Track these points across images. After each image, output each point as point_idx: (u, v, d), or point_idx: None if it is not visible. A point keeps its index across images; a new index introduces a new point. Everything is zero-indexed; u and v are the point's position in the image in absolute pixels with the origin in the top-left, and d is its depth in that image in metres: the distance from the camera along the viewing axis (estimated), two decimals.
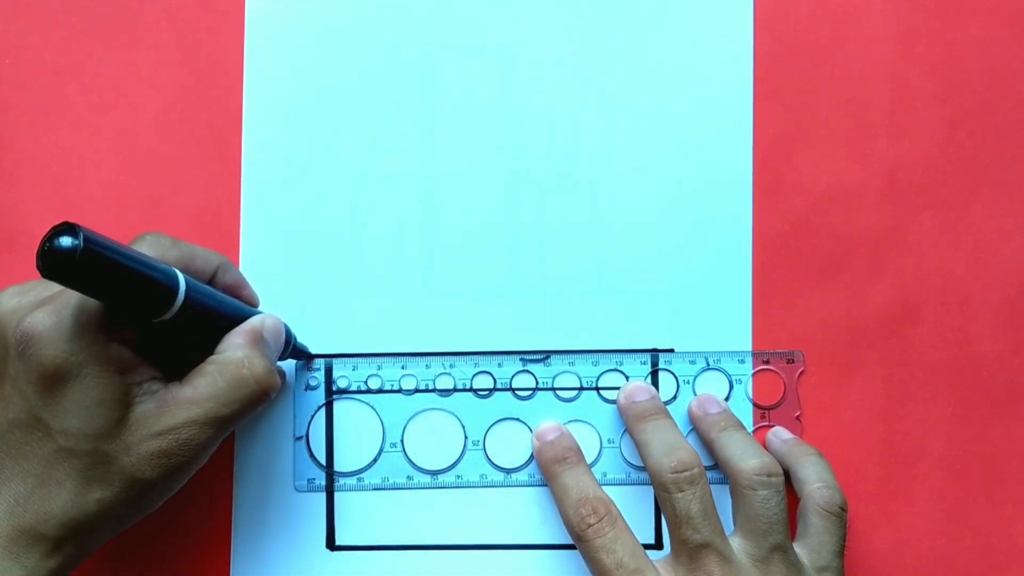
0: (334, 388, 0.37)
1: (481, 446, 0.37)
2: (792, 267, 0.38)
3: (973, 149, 0.38)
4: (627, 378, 0.37)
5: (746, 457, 0.33)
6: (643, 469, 0.35)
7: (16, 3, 0.38)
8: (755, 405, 0.37)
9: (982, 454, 0.37)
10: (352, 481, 0.36)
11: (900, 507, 0.37)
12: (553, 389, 0.37)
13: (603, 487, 0.34)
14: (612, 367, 0.37)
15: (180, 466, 0.28)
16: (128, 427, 0.28)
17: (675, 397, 0.37)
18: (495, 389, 0.37)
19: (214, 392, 0.29)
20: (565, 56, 0.38)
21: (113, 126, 0.38)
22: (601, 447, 0.37)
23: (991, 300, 0.38)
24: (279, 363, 0.35)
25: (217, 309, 0.30)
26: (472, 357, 0.37)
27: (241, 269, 0.37)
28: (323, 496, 0.37)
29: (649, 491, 0.37)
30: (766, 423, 0.37)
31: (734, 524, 0.33)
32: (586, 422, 0.37)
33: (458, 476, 0.37)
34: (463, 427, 0.37)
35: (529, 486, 0.37)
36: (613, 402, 0.37)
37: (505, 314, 0.37)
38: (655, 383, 0.37)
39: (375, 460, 0.37)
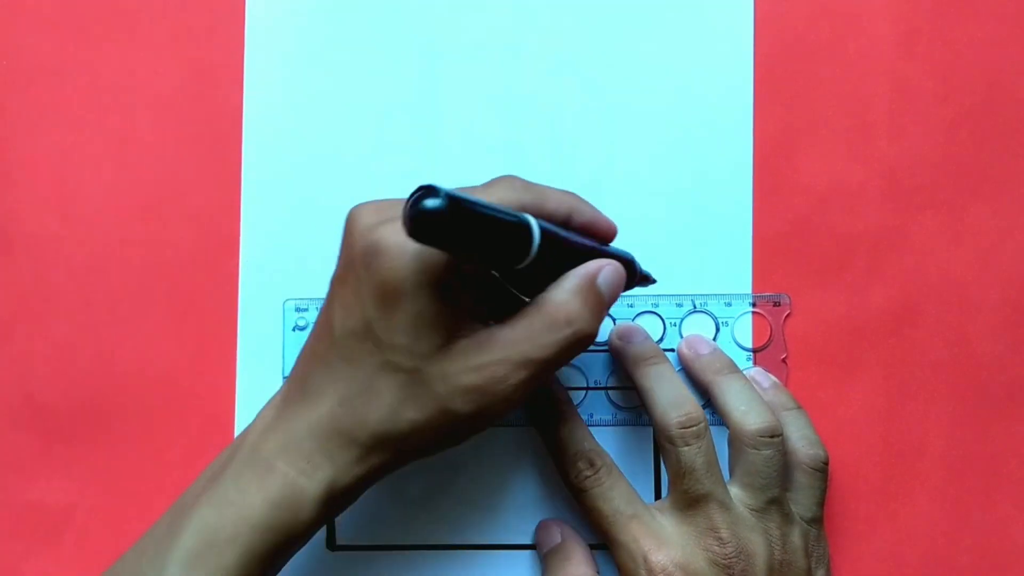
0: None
1: None
2: (792, 267, 0.38)
3: (973, 149, 0.38)
4: (614, 320, 0.37)
5: (750, 415, 0.33)
6: (629, 410, 0.37)
7: (15, 3, 0.38)
8: (741, 347, 0.37)
9: (982, 454, 0.37)
10: None
11: (900, 507, 0.37)
12: None
13: (590, 427, 0.35)
14: None
15: (491, 405, 0.28)
16: (450, 356, 0.28)
17: (662, 339, 0.37)
18: None
19: (530, 334, 0.28)
20: (565, 56, 0.38)
21: (112, 126, 0.38)
22: (587, 389, 0.37)
23: (991, 300, 0.38)
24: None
25: (571, 252, 0.30)
26: None
27: (241, 269, 0.37)
28: None
29: (635, 431, 0.37)
30: (752, 366, 0.38)
31: (731, 473, 0.34)
32: (573, 364, 0.37)
33: None
34: None
35: (515, 426, 0.37)
36: (601, 344, 0.37)
37: None
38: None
39: None
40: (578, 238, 0.31)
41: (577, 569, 0.34)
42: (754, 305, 0.37)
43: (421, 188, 0.25)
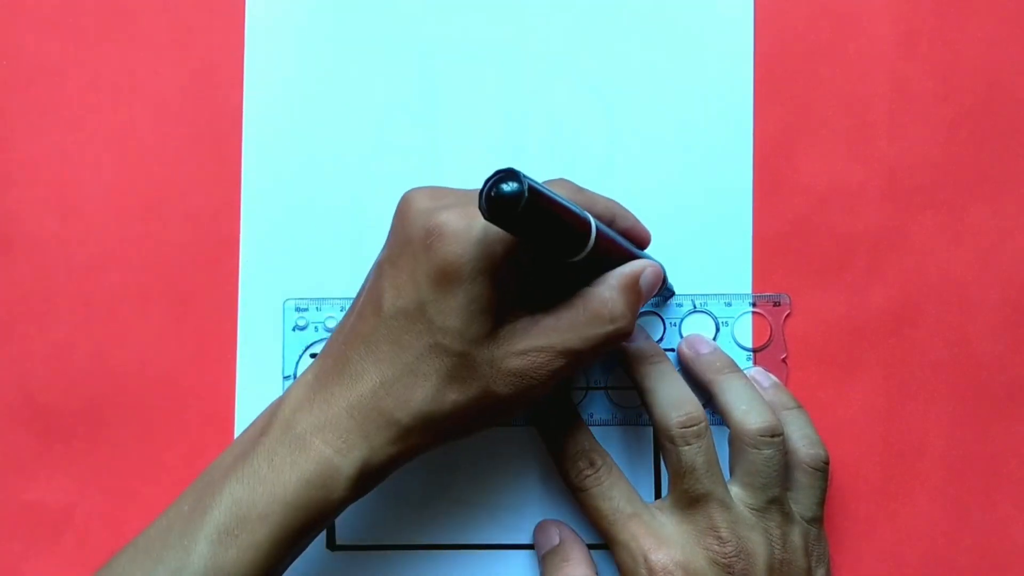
0: (323, 328, 0.37)
1: None
2: (792, 267, 0.38)
3: (973, 149, 0.38)
4: None
5: (751, 414, 0.33)
6: (629, 410, 0.37)
7: (15, 3, 0.38)
8: (741, 347, 0.37)
9: (982, 454, 0.37)
10: None
11: (900, 507, 0.37)
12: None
13: (590, 427, 0.35)
14: None
15: (530, 388, 0.29)
16: (496, 341, 0.29)
17: (662, 339, 0.37)
18: None
19: (573, 324, 0.30)
20: (565, 56, 0.38)
21: (112, 126, 0.38)
22: (587, 389, 0.37)
23: (991, 300, 0.38)
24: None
25: (617, 251, 0.31)
26: None
27: (241, 268, 0.37)
28: None
29: (635, 431, 0.37)
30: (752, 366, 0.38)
31: (732, 473, 0.34)
32: None
33: None
34: None
35: (515, 426, 0.37)
36: None
37: None
38: None
39: None
40: (623, 240, 0.32)
41: (576, 570, 0.34)
42: (754, 305, 0.37)
43: (500, 172, 0.25)
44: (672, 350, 0.37)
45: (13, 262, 0.37)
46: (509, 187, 0.25)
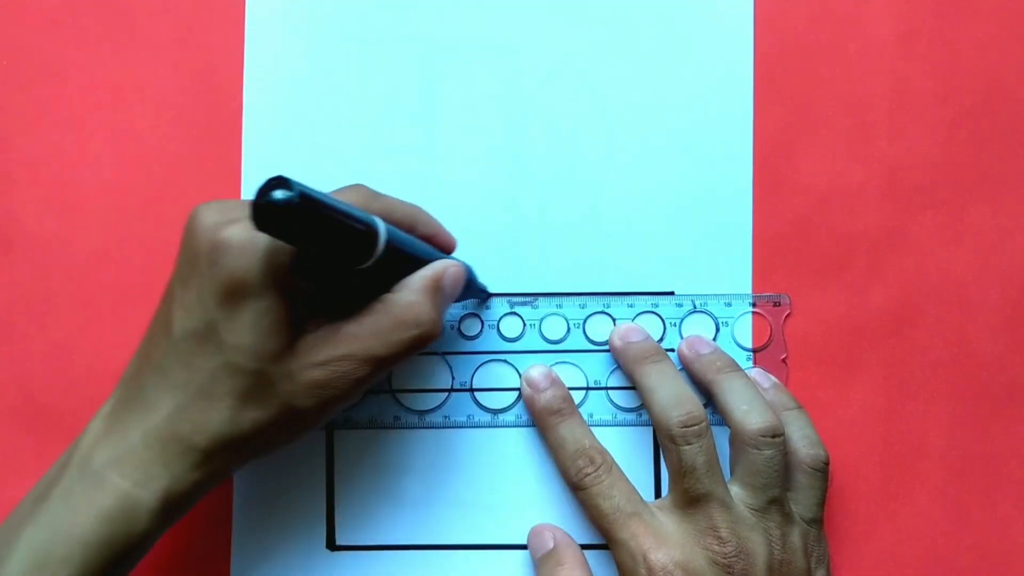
0: None
1: (468, 387, 0.37)
2: (792, 267, 0.38)
3: (973, 149, 0.38)
4: (614, 320, 0.37)
5: (751, 414, 0.33)
6: (629, 411, 0.37)
7: (15, 3, 0.38)
8: (741, 347, 0.37)
9: (982, 454, 0.37)
10: (340, 421, 0.37)
11: (900, 507, 0.37)
12: (541, 331, 0.37)
13: (591, 428, 0.36)
14: (599, 309, 0.37)
15: (333, 399, 0.29)
16: (294, 354, 0.28)
17: (662, 339, 0.37)
18: (483, 331, 0.37)
19: (376, 330, 0.29)
20: (565, 56, 0.38)
21: (112, 126, 0.38)
22: (587, 389, 0.37)
23: (991, 300, 0.38)
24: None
25: (413, 257, 0.31)
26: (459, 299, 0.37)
27: None
28: (323, 495, 0.37)
29: (635, 431, 0.37)
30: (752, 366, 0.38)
31: (732, 472, 0.34)
32: (573, 364, 0.37)
33: (445, 417, 0.37)
34: (450, 368, 0.37)
35: (515, 427, 0.37)
36: (600, 344, 0.37)
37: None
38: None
39: (362, 400, 0.37)
40: (423, 245, 0.32)
41: (571, 573, 0.34)
42: (754, 305, 0.37)
43: (271, 179, 0.24)
44: (672, 350, 0.37)
45: (13, 262, 0.37)
46: (278, 195, 0.24)
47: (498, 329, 0.37)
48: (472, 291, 0.35)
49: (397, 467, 0.37)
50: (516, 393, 0.37)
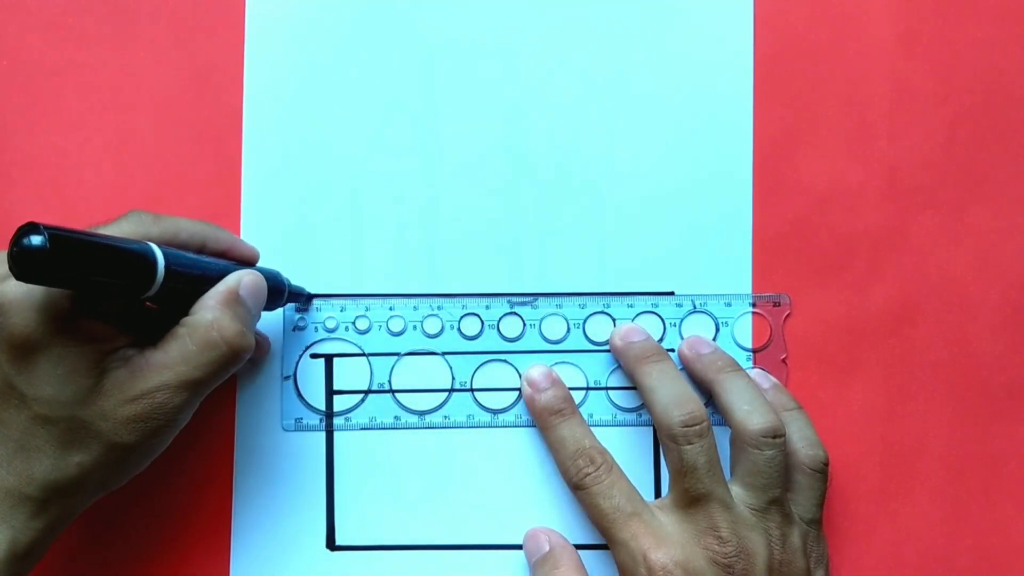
0: (322, 328, 0.37)
1: (468, 387, 0.37)
2: (792, 267, 0.38)
3: (973, 149, 0.38)
4: (614, 320, 0.37)
5: (753, 414, 0.33)
6: (629, 411, 0.37)
7: (15, 3, 0.38)
8: (741, 347, 0.37)
9: (982, 454, 0.37)
10: (340, 421, 0.37)
11: (900, 507, 0.37)
12: (540, 331, 0.37)
13: (590, 428, 0.36)
14: (599, 309, 0.37)
15: (157, 429, 0.29)
16: (103, 393, 0.28)
17: (662, 340, 0.37)
18: (483, 331, 0.37)
19: (184, 355, 0.29)
20: (566, 56, 0.38)
21: (112, 126, 0.38)
22: (587, 389, 0.37)
23: (991, 300, 0.38)
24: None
25: (204, 276, 0.30)
26: (460, 299, 0.37)
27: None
28: (323, 495, 0.37)
29: (635, 431, 0.37)
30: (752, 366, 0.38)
31: (733, 473, 0.34)
32: (573, 364, 0.37)
33: (445, 417, 0.37)
34: (450, 368, 0.37)
35: (515, 427, 0.37)
36: (600, 344, 0.37)
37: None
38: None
39: (362, 401, 0.37)
40: (214, 260, 0.31)
41: (566, 575, 0.34)
42: (754, 305, 0.37)
43: (21, 228, 0.24)
44: (672, 350, 0.37)
45: None
46: (28, 242, 0.24)
47: (498, 329, 0.37)
48: (287, 296, 0.35)
49: (397, 467, 0.37)
50: (516, 393, 0.37)
